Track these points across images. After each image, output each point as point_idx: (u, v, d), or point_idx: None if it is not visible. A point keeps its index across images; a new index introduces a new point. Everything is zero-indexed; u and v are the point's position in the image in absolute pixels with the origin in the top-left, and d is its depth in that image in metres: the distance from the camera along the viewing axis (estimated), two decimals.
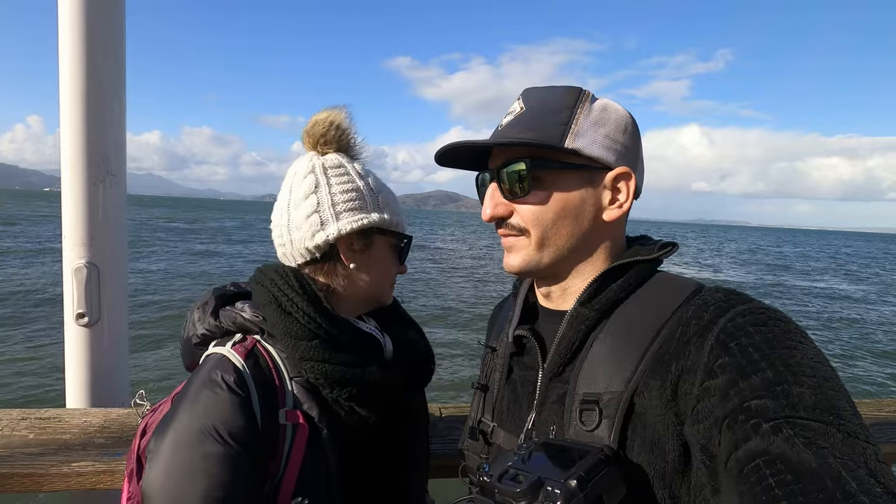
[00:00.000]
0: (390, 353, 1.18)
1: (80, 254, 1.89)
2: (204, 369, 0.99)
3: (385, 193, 1.15)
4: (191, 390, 0.96)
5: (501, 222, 0.98)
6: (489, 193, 0.99)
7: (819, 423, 0.62)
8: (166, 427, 0.92)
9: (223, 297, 1.15)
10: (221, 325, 1.09)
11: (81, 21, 1.75)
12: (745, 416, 0.66)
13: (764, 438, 0.63)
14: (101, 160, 1.84)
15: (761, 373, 0.69)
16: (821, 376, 0.68)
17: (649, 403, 0.79)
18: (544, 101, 0.96)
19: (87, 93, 1.78)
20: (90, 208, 1.86)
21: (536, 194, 0.94)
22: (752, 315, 0.77)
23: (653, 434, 0.78)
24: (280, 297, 1.05)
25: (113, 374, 2.03)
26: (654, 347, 0.83)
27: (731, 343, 0.74)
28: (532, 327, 1.04)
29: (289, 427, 0.98)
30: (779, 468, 0.60)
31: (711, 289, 0.88)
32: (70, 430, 1.55)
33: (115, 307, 1.99)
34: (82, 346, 1.97)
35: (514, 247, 0.98)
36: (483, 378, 1.15)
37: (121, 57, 1.87)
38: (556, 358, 0.93)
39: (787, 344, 0.72)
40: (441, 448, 1.51)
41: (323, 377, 1.01)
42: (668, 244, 0.99)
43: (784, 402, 0.65)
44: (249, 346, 1.04)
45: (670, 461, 0.77)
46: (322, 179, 1.09)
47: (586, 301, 0.93)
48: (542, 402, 0.95)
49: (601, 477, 0.71)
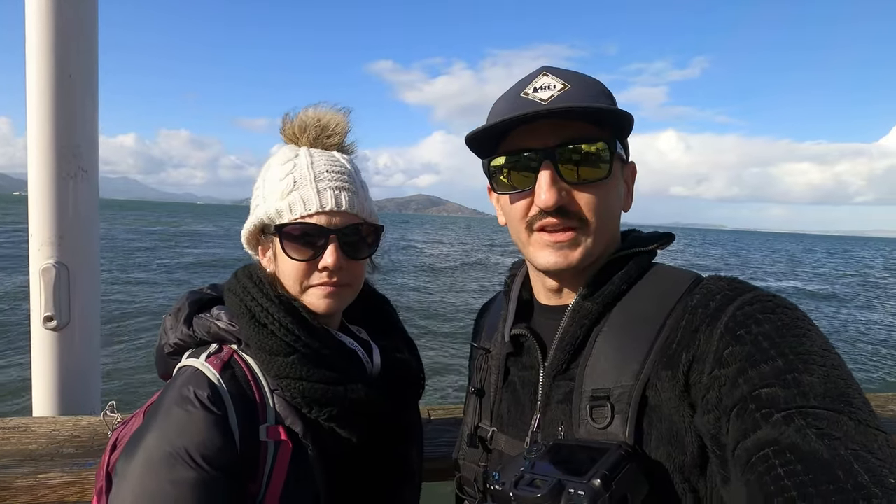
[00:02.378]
0: (378, 367, 1.10)
1: (48, 253, 1.80)
2: (176, 384, 0.92)
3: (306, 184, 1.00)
4: (162, 407, 0.89)
5: (555, 212, 0.86)
6: (549, 177, 0.84)
7: (830, 412, 0.61)
8: (135, 447, 0.84)
9: (198, 302, 1.07)
10: (195, 334, 1.02)
11: (51, 11, 1.66)
12: (756, 404, 0.65)
13: (775, 428, 0.62)
14: (73, 154, 1.75)
15: (771, 361, 0.68)
16: (830, 364, 0.67)
17: (663, 396, 0.77)
18: (583, 82, 0.89)
19: (57, 84, 1.69)
20: (59, 205, 1.77)
21: (608, 181, 0.86)
22: (761, 303, 0.76)
23: (669, 427, 0.76)
24: (254, 308, 0.97)
25: (83, 380, 1.93)
26: (662, 338, 0.81)
27: (741, 331, 0.73)
28: (528, 325, 1.00)
29: (270, 444, 0.91)
30: (788, 458, 0.59)
31: (713, 277, 0.86)
32: (37, 439, 1.46)
33: (85, 309, 1.90)
34: (50, 350, 1.87)
35: (574, 241, 0.87)
36: (477, 382, 1.09)
37: (93, 49, 1.79)
38: (560, 355, 0.90)
39: (796, 332, 0.71)
40: (430, 451, 1.46)
41: (301, 396, 0.93)
42: (663, 235, 0.97)
43: (795, 391, 0.64)
44: (226, 358, 0.97)
45: (689, 453, 0.75)
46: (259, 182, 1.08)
47: (588, 295, 0.90)
48: (546, 402, 0.92)
49: (624, 474, 0.69)
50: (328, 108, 1.09)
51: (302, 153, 1.04)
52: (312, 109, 1.08)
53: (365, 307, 1.20)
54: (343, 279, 1.02)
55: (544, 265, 0.90)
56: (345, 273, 1.01)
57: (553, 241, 0.88)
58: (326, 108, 1.09)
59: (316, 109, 1.08)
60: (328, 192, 0.99)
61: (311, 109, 1.08)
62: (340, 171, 1.03)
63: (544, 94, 0.86)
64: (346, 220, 1.01)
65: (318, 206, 0.98)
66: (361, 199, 1.04)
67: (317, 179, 1.00)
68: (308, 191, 0.99)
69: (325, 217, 0.98)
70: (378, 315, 1.21)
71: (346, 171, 1.04)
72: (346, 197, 1.00)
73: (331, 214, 0.99)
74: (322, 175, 1.00)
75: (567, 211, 0.86)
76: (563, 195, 0.85)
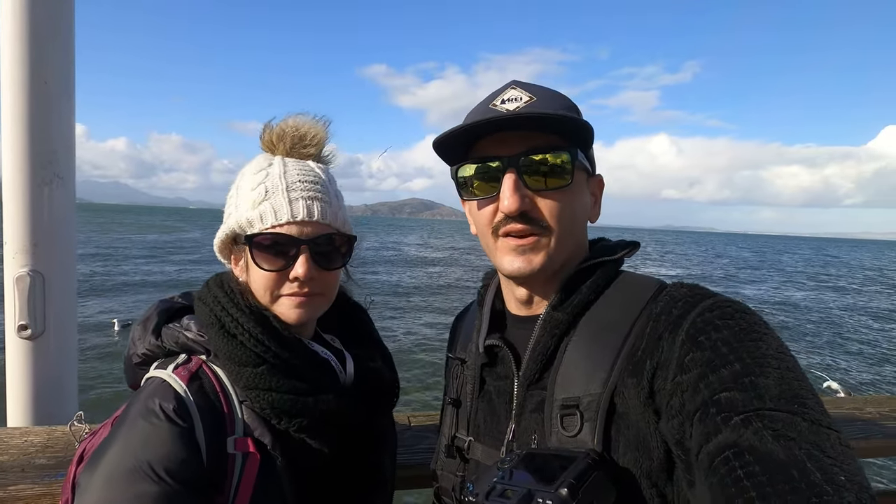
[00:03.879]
0: (351, 376, 1.09)
1: (22, 261, 1.77)
2: (142, 396, 0.90)
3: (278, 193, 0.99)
4: (127, 419, 0.87)
5: (519, 217, 0.89)
6: (511, 183, 0.87)
7: (785, 413, 0.64)
8: (98, 460, 0.83)
9: (168, 311, 1.06)
10: (164, 344, 1.00)
11: (24, 12, 1.64)
12: (716, 409, 0.67)
13: (734, 431, 0.64)
14: (48, 160, 1.73)
15: (729, 365, 0.70)
16: (784, 367, 0.69)
17: (630, 402, 0.79)
18: (550, 95, 0.92)
19: (32, 88, 1.67)
20: (35, 212, 1.74)
21: (570, 189, 0.89)
22: (720, 309, 0.78)
23: (636, 433, 0.78)
24: (224, 317, 0.96)
25: (58, 390, 1.90)
26: (628, 346, 0.82)
27: (701, 337, 0.75)
28: (502, 336, 1.01)
29: (238, 456, 0.90)
30: (747, 460, 0.61)
31: (675, 284, 0.89)
32: (8, 450, 1.43)
33: (61, 318, 1.87)
34: (24, 360, 1.84)
35: (535, 246, 0.90)
36: (454, 392, 1.10)
37: (69, 52, 1.77)
38: (532, 364, 0.91)
39: (753, 336, 0.73)
40: (408, 458, 1.46)
41: (270, 407, 0.92)
42: (628, 244, 0.99)
43: (752, 394, 0.66)
44: (194, 369, 0.96)
45: (656, 459, 0.76)
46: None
47: (558, 305, 0.92)
48: (520, 411, 0.92)
49: (591, 482, 0.70)
50: (308, 118, 1.09)
51: (276, 162, 1.03)
52: (293, 118, 1.08)
53: (340, 315, 1.19)
54: (314, 289, 1.01)
55: (509, 270, 0.91)
56: (316, 283, 1.01)
57: (516, 246, 0.90)
58: (306, 118, 1.09)
59: (296, 118, 1.08)
60: (300, 202, 0.98)
61: (291, 118, 1.08)
62: (314, 180, 1.02)
63: (511, 105, 0.89)
64: (317, 230, 1.00)
65: (290, 216, 0.97)
66: (335, 209, 1.03)
67: (289, 189, 0.99)
68: (279, 200, 0.98)
69: (296, 227, 0.98)
70: (353, 323, 1.21)
71: (320, 181, 1.03)
72: (318, 207, 1.00)
73: (302, 224, 0.98)
74: (294, 185, 1.00)
75: (530, 217, 0.89)
76: (525, 201, 0.88)
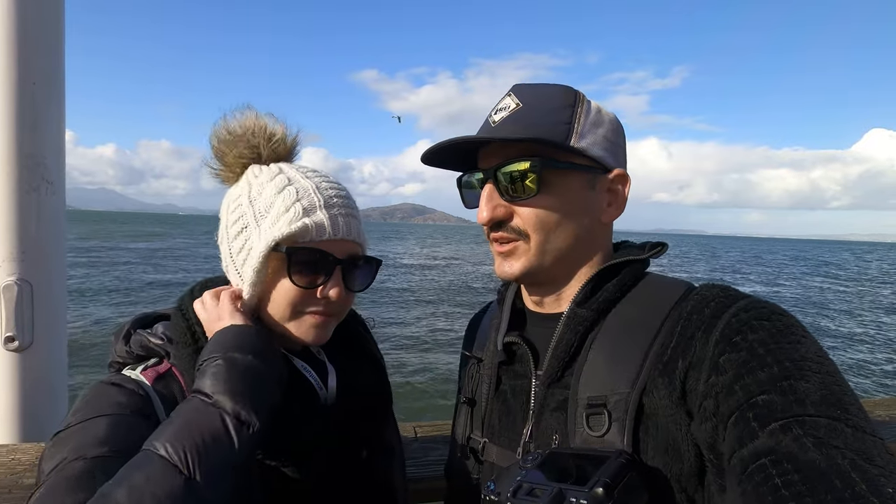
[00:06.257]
0: (332, 391, 1.02)
1: (9, 270, 1.70)
2: (96, 383, 0.87)
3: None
4: (79, 404, 0.84)
5: (497, 226, 0.93)
6: (486, 195, 0.93)
7: (827, 420, 0.61)
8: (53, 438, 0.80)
9: (142, 320, 1.02)
10: (131, 350, 0.96)
11: (12, 13, 1.58)
12: (753, 412, 0.65)
13: (772, 437, 0.61)
14: (36, 165, 1.67)
15: (767, 368, 0.67)
16: (825, 371, 0.67)
17: (659, 403, 0.76)
18: (542, 97, 0.92)
19: (20, 91, 1.61)
20: (22, 219, 1.67)
21: (541, 196, 0.90)
22: (755, 310, 0.76)
23: (666, 435, 0.75)
24: (199, 331, 0.92)
25: (48, 405, 1.82)
26: (657, 344, 0.80)
27: (737, 338, 0.73)
28: (521, 334, 1.00)
29: None
30: (786, 468, 0.58)
31: (706, 285, 0.87)
32: None
33: (50, 329, 1.80)
34: (11, 373, 1.76)
35: (514, 252, 0.93)
36: (469, 391, 1.08)
37: (59, 54, 1.72)
38: (555, 362, 0.89)
39: (791, 339, 0.71)
40: (416, 471, 1.41)
41: None
42: (656, 244, 0.97)
43: (791, 398, 0.63)
44: (163, 371, 0.91)
45: (686, 462, 0.73)
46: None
47: (582, 302, 0.90)
48: (539, 410, 0.90)
49: (626, 483, 0.67)
50: (251, 114, 1.02)
51: (294, 173, 0.99)
52: (238, 122, 1.02)
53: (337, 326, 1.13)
54: (336, 309, 0.98)
55: (497, 273, 0.96)
56: (340, 304, 0.97)
57: (499, 252, 0.94)
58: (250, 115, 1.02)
59: (258, 117, 1.02)
60: (339, 220, 0.96)
61: (236, 122, 1.02)
62: (346, 195, 1.00)
63: (498, 116, 0.93)
64: (352, 249, 0.98)
65: (331, 234, 0.94)
66: (362, 227, 1.03)
67: (327, 206, 0.95)
68: (319, 216, 0.94)
69: (336, 245, 0.95)
70: (346, 334, 1.15)
71: (349, 196, 1.02)
72: (354, 225, 0.98)
73: (342, 243, 0.96)
74: (332, 200, 0.97)
75: (507, 225, 0.92)
76: (499, 210, 0.92)
